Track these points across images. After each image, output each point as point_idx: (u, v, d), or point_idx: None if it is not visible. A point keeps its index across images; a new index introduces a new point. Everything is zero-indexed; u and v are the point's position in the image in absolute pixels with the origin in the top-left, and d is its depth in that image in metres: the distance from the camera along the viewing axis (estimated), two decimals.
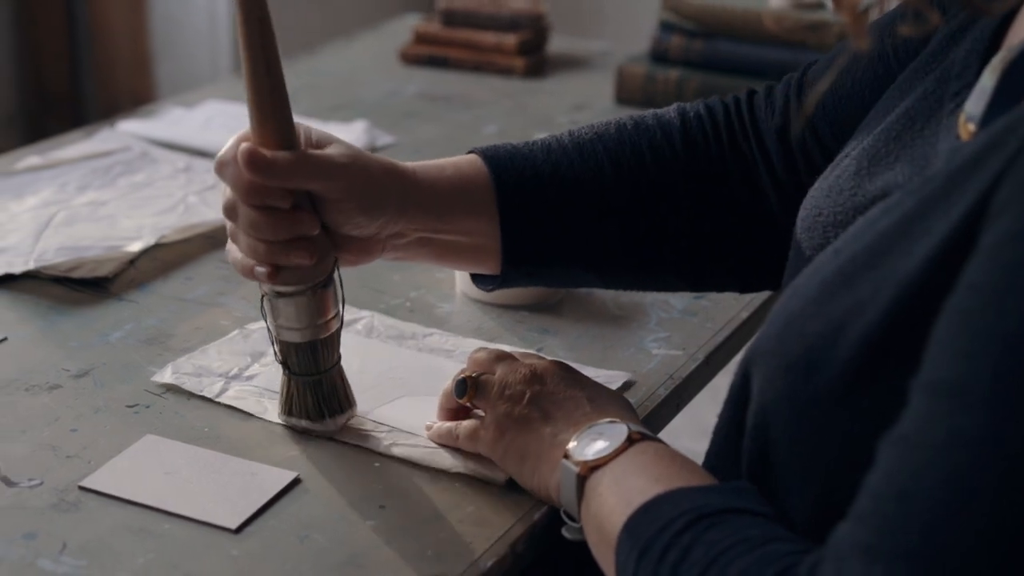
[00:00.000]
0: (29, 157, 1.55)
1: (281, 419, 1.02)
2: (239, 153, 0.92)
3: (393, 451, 0.99)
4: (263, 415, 1.03)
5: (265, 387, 1.07)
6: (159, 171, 1.53)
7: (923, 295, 0.69)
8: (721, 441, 0.86)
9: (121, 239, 1.33)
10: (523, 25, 2.02)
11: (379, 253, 1.01)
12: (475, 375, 0.99)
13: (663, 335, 1.19)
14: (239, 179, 0.92)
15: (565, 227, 1.04)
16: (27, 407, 1.04)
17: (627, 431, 0.88)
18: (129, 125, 1.67)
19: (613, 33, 3.58)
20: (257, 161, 0.92)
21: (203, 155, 1.58)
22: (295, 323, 0.97)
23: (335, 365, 1.01)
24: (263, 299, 0.98)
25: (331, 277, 0.98)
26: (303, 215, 0.94)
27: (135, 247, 1.31)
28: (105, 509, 0.92)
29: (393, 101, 1.86)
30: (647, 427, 0.91)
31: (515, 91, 1.93)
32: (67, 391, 1.07)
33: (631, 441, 0.87)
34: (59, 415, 1.03)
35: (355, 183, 0.95)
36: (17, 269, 1.25)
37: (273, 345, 1.00)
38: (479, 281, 1.08)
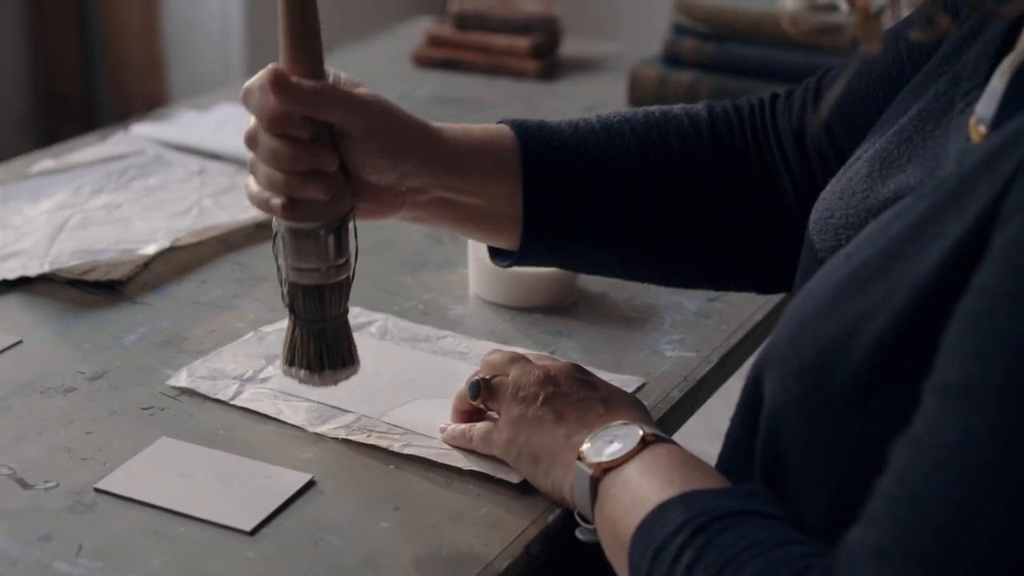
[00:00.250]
0: (43, 161, 1.55)
1: (282, 370, 1.01)
2: (266, 73, 0.92)
3: (407, 452, 0.99)
4: (278, 417, 1.04)
5: (280, 389, 1.07)
6: (173, 174, 1.53)
7: (936, 298, 0.69)
8: (734, 444, 0.86)
9: (135, 242, 1.34)
10: (535, 28, 2.02)
11: (397, 209, 1.00)
12: (489, 377, 0.99)
13: (677, 337, 1.20)
14: (263, 106, 0.93)
15: (591, 202, 1.03)
16: (42, 409, 1.04)
17: (641, 433, 0.88)
18: (142, 128, 1.68)
19: (625, 36, 3.58)
20: (283, 82, 0.92)
21: (217, 158, 1.59)
22: (304, 263, 0.97)
23: (341, 316, 1.00)
24: (275, 237, 0.98)
25: (345, 222, 0.97)
26: (322, 148, 0.95)
27: (149, 250, 1.32)
28: (120, 511, 0.92)
29: (405, 104, 1.82)
30: (661, 429, 0.91)
31: (527, 94, 1.93)
32: (82, 393, 1.07)
33: (645, 443, 0.87)
34: (74, 417, 1.03)
35: (376, 121, 0.96)
36: (32, 272, 1.25)
37: (282, 286, 0.99)
38: (496, 257, 1.08)
